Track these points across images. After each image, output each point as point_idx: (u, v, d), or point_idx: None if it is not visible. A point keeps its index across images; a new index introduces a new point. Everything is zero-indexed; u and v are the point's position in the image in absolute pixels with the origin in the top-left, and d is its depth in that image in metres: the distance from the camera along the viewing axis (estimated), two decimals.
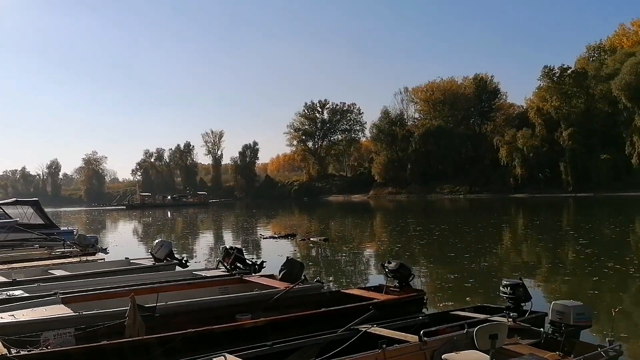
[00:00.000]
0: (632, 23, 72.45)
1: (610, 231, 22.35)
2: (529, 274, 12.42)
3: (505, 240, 21.59)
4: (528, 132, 71.97)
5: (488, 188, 76.45)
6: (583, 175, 65.03)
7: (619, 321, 7.74)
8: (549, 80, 71.31)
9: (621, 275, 11.73)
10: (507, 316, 6.21)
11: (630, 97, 61.04)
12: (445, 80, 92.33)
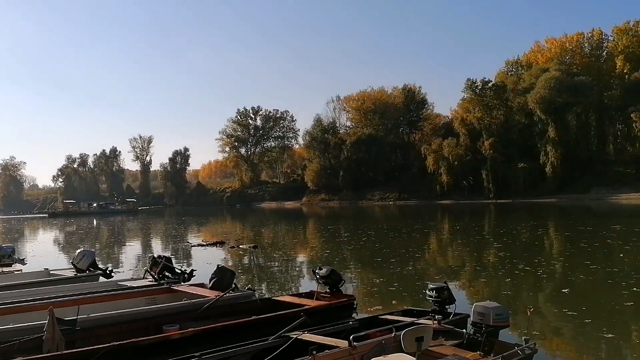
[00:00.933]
0: (546, 40, 77.88)
1: (525, 235, 23.77)
2: (454, 277, 12.93)
3: (431, 244, 22.37)
4: (453, 141, 75.02)
5: (416, 195, 78.91)
6: (503, 182, 68.72)
7: (535, 320, 8.21)
8: (472, 92, 74.87)
9: (535, 276, 12.49)
10: (432, 319, 6.41)
11: (544, 110, 65.35)
12: (376, 90, 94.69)
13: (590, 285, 11.36)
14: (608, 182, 61.89)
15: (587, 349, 7.04)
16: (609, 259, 15.02)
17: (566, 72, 66.41)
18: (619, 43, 69.90)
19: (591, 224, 27.25)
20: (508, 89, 72.58)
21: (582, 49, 74.04)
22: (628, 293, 10.03)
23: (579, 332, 7.83)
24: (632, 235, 21.04)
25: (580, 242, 19.38)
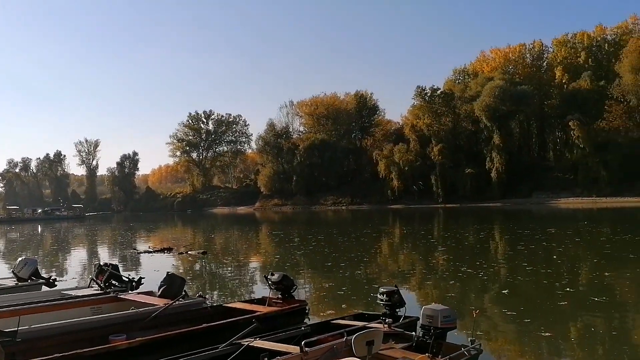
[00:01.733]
0: (491, 51, 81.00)
1: (471, 238, 24.56)
2: (404, 280, 13.17)
3: (382, 248, 22.70)
4: (404, 147, 76.55)
5: (368, 199, 79.97)
6: (451, 187, 70.70)
7: (481, 321, 8.49)
8: (422, 99, 76.71)
9: (479, 278, 12.91)
10: (383, 322, 6.53)
11: (489, 117, 67.80)
12: (329, 96, 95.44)
13: (528, 287, 11.84)
14: (548, 187, 64.87)
15: (528, 348, 7.34)
16: (544, 261, 15.71)
17: (509, 81, 69.22)
18: (558, 54, 73.53)
19: (529, 228, 28.42)
20: (456, 96, 74.80)
21: (524, 60, 77.38)
22: (562, 293, 10.53)
23: (519, 331, 8.16)
24: (565, 238, 22.16)
25: (519, 245, 20.20)
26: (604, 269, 14.17)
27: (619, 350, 6.97)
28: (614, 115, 61.99)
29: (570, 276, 12.84)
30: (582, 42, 72.62)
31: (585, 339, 7.67)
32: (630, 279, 12.40)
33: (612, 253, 17.32)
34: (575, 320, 8.78)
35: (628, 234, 23.17)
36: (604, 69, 68.51)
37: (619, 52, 65.31)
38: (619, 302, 9.97)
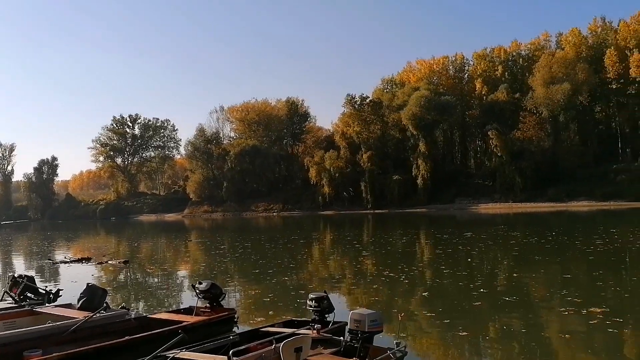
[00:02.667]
0: (417, 61, 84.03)
1: (397, 243, 25.30)
2: (334, 285, 13.35)
3: (313, 254, 22.88)
4: (334, 154, 77.51)
5: (300, 206, 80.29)
6: (380, 193, 72.43)
7: (407, 323, 8.77)
8: (351, 107, 78.15)
9: (405, 282, 13.34)
10: (312, 328, 6.59)
11: (415, 126, 70.23)
12: (260, 102, 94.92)
13: (447, 289, 12.36)
14: (469, 193, 68.08)
15: (450, 347, 7.68)
16: (460, 263, 16.52)
17: (434, 91, 72.02)
18: (478, 67, 77.53)
19: (449, 232, 29.67)
20: (384, 105, 76.83)
21: (447, 71, 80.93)
22: (477, 294, 11.11)
23: (441, 332, 8.52)
24: (479, 242, 23.36)
25: (438, 249, 21.15)
26: (513, 270, 15.16)
27: (532, 346, 7.45)
28: (527, 126, 66.11)
29: (484, 278, 13.57)
30: (500, 57, 77.01)
31: (502, 337, 8.12)
32: (535, 279, 13.32)
33: (521, 255, 18.51)
34: (490, 319, 9.28)
35: (535, 237, 24.78)
36: (519, 82, 72.88)
37: (532, 67, 69.70)
38: (528, 301, 10.66)
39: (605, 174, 60.17)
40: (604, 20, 70.34)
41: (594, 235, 23.15)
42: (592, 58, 65.87)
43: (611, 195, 55.85)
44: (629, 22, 65.74)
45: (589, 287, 11.81)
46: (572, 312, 9.11)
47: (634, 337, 7.62)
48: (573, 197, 58.32)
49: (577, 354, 7.08)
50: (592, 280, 12.70)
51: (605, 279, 12.46)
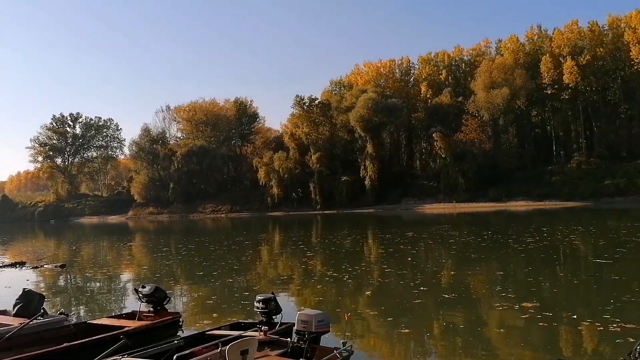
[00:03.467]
0: (365, 64, 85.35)
1: (345, 243, 25.59)
2: (283, 286, 13.35)
3: (262, 256, 22.77)
4: (283, 155, 77.49)
5: (248, 207, 79.74)
6: (328, 194, 73.02)
7: (354, 323, 8.90)
8: (300, 108, 78.39)
9: (353, 281, 13.52)
10: (259, 330, 6.58)
11: (363, 128, 71.26)
12: (208, 102, 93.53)
13: (390, 287, 12.68)
14: (415, 194, 69.79)
15: (393, 345, 7.88)
16: (402, 262, 16.96)
17: (381, 94, 73.34)
18: (423, 71, 79.62)
19: (393, 232, 30.34)
20: (332, 107, 77.52)
21: (393, 74, 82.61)
22: (417, 292, 11.44)
23: (385, 330, 8.73)
24: (419, 241, 24.11)
25: (382, 248, 21.66)
26: (451, 268, 15.74)
27: (470, 341, 7.75)
28: (469, 129, 68.45)
29: (424, 276, 14.00)
30: (443, 61, 79.37)
31: (444, 333, 8.41)
32: (472, 276, 13.88)
33: (458, 254, 19.18)
34: (432, 316, 9.59)
35: (472, 236, 25.79)
36: (462, 86, 75.42)
37: (473, 72, 72.32)
38: (466, 298, 11.07)
39: (541, 175, 63.22)
40: (540, 29, 73.96)
41: (525, 234, 24.31)
42: (529, 64, 69.04)
43: (546, 196, 58.78)
44: (562, 31, 69.35)
45: (521, 283, 12.41)
46: (506, 307, 9.55)
47: (562, 329, 8.07)
48: (512, 197, 60.93)
49: (512, 347, 7.43)
50: (524, 276, 13.36)
51: (536, 275, 13.14)
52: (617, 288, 11.14)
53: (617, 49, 65.63)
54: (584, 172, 61.24)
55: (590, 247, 19.38)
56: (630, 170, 57.62)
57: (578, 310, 9.04)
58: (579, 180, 59.68)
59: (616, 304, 9.37)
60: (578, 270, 14.39)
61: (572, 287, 11.88)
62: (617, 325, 7.72)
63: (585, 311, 9.05)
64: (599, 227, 28.67)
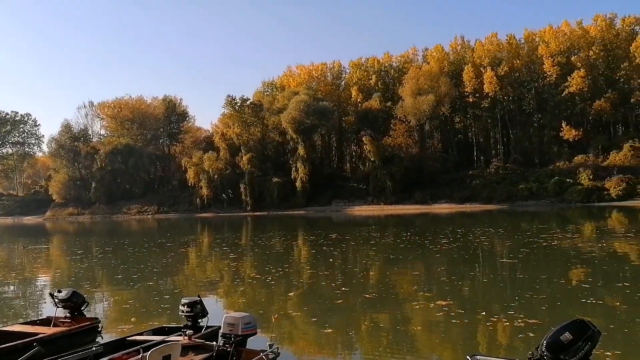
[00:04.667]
0: (297, 67, 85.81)
1: (276, 245, 25.66)
2: (211, 289, 13.20)
3: (190, 258, 22.30)
4: (214, 155, 76.30)
5: (176, 208, 77.83)
6: (259, 195, 72.74)
7: (283, 324, 8.98)
8: (232, 108, 77.57)
9: (284, 283, 13.65)
10: (184, 334, 6.48)
11: (295, 130, 71.61)
12: (135, 99, 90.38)
13: (318, 288, 12.93)
14: (345, 196, 71.09)
15: (321, 345, 8.04)
16: (324, 264, 17.33)
17: (313, 96, 74.01)
18: (354, 75, 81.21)
19: (319, 234, 30.79)
20: (264, 108, 77.28)
21: (325, 78, 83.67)
22: (339, 292, 11.76)
23: (313, 330, 8.90)
24: (344, 242, 24.76)
25: (311, 249, 22.00)
26: (370, 268, 16.33)
27: (392, 338, 8.08)
28: (397, 133, 70.65)
29: (344, 277, 14.43)
30: (373, 67, 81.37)
31: (367, 331, 8.70)
32: (390, 276, 14.49)
33: (378, 254, 19.99)
34: (353, 315, 9.88)
35: (391, 237, 26.77)
36: (390, 92, 77.67)
37: (402, 78, 74.73)
38: (386, 297, 11.50)
39: (462, 179, 66.41)
40: (463, 39, 77.69)
41: (441, 236, 25.56)
42: (453, 73, 72.31)
43: (467, 199, 61.82)
44: (483, 42, 73.25)
45: (437, 282, 13.10)
46: (423, 305, 10.07)
47: (474, 325, 8.61)
48: (436, 199, 63.53)
49: (431, 343, 7.86)
50: (438, 275, 14.09)
51: (449, 275, 13.93)
52: (521, 286, 12.04)
53: (532, 61, 70.17)
54: (501, 177, 64.97)
55: (498, 248, 20.67)
56: (542, 175, 61.79)
57: (487, 307, 9.68)
58: (497, 184, 63.22)
59: (520, 301, 10.15)
60: (487, 269, 15.30)
61: (481, 286, 12.69)
62: (522, 321, 8.36)
63: (494, 308, 9.68)
64: (509, 228, 30.56)
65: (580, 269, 14.41)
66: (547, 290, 11.21)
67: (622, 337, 7.50)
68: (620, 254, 17.73)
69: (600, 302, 9.85)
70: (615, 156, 59.51)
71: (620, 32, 66.97)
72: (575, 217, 39.77)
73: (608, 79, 65.96)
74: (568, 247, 19.51)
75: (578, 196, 55.80)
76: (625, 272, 13.64)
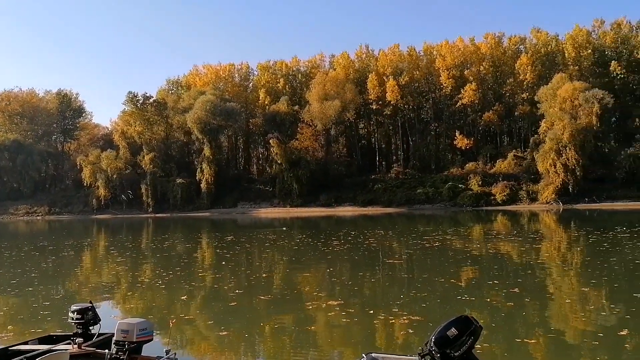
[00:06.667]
0: (204, 66, 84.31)
1: (178, 248, 25.17)
2: (106, 295, 12.76)
3: (85, 262, 21.24)
4: (113, 154, 72.84)
5: (70, 209, 73.51)
6: (162, 196, 70.46)
7: (183, 329, 8.96)
8: (134, 105, 74.45)
9: (185, 287, 13.45)
10: (73, 342, 6.30)
11: (201, 130, 70.28)
12: (25, 92, 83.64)
13: (217, 291, 13.03)
14: (251, 198, 70.97)
15: (222, 349, 8.13)
16: (224, 266, 17.46)
17: (220, 97, 73.12)
18: (262, 78, 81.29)
19: (219, 237, 30.70)
20: (169, 106, 75.01)
21: (233, 79, 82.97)
22: (233, 295, 11.94)
23: (214, 334, 8.98)
24: (236, 244, 24.99)
25: (210, 252, 22.07)
26: (261, 270, 16.72)
27: (286, 339, 8.43)
28: (304, 137, 71.74)
29: (235, 279, 14.64)
30: (282, 70, 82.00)
31: (262, 332, 8.96)
32: (282, 278, 15.06)
33: (268, 257, 20.52)
34: (247, 317, 10.09)
35: (287, 239, 27.28)
36: (298, 96, 78.71)
37: (309, 83, 76.01)
38: (279, 299, 11.80)
39: (365, 183, 68.98)
40: (367, 48, 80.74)
41: (332, 238, 26.51)
42: (358, 80, 74.92)
43: (370, 202, 64.34)
44: (386, 52, 76.61)
45: (327, 283, 13.74)
46: (315, 306, 10.53)
47: (363, 322, 9.19)
48: (340, 202, 65.40)
49: (321, 343, 8.28)
50: (329, 276, 14.75)
51: (339, 275, 14.69)
52: (405, 284, 12.98)
53: (430, 73, 74.57)
54: (401, 182, 68.30)
55: (385, 249, 21.88)
56: (437, 181, 65.83)
57: (374, 306, 10.33)
58: (397, 188, 66.39)
59: (404, 299, 11.00)
60: (373, 269, 16.12)
61: (369, 285, 13.41)
62: (406, 318, 9.07)
63: (380, 306, 10.33)
64: (404, 230, 32.37)
65: (466, 268, 15.72)
66: (428, 289, 12.14)
67: (503, 332, 8.23)
68: (503, 253, 19.47)
69: (485, 299, 10.72)
70: (501, 164, 64.84)
71: (507, 50, 73.13)
72: (466, 220, 42.84)
73: (496, 92, 71.76)
74: (456, 247, 21.17)
75: (469, 200, 60.12)
76: (507, 271, 15.12)
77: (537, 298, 10.88)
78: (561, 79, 59.39)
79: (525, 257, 17.91)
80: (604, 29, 70.99)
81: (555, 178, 56.92)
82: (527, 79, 66.68)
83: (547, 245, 22.26)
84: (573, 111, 57.08)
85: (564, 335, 8.20)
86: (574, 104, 57.03)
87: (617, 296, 10.98)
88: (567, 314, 9.73)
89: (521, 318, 9.15)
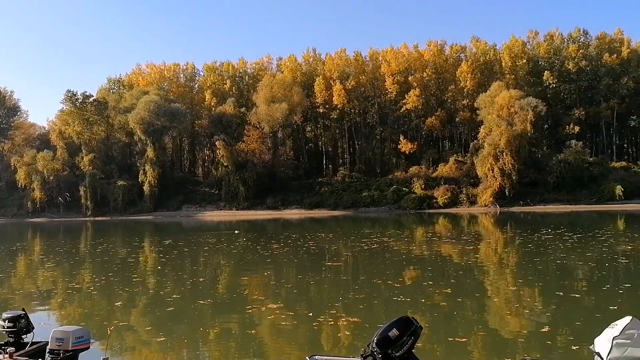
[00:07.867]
0: (147, 65, 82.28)
1: (121, 252, 24.45)
2: (42, 302, 12.32)
3: (18, 268, 20.28)
4: (49, 154, 69.95)
5: (3, 212, 70.47)
6: (102, 199, 68.16)
7: (124, 336, 8.78)
8: (72, 105, 71.69)
9: (125, 293, 13.18)
10: (3, 352, 6.12)
11: (144, 131, 68.46)
12: None
13: (152, 297, 12.87)
14: (196, 201, 69.82)
15: (164, 356, 8.02)
16: (164, 271, 17.32)
17: (164, 97, 71.54)
18: (208, 79, 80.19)
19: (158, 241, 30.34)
20: (110, 106, 72.68)
21: (178, 79, 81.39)
22: (171, 300, 11.86)
23: (155, 341, 8.83)
24: (175, 248, 24.78)
25: (151, 256, 21.74)
26: (200, 274, 16.64)
27: (228, 344, 8.45)
28: (251, 139, 71.32)
29: (172, 284, 14.53)
30: (228, 71, 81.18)
31: (203, 337, 8.94)
32: (220, 282, 15.10)
33: (210, 260, 20.53)
34: (186, 322, 10.01)
35: (226, 243, 27.17)
36: (245, 98, 78.17)
37: (256, 85, 75.62)
38: (219, 303, 11.82)
39: (312, 186, 69.40)
40: (315, 52, 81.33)
41: (272, 241, 26.67)
42: (305, 83, 75.31)
43: (316, 205, 64.80)
44: (333, 57, 77.46)
45: (266, 286, 13.84)
46: (256, 308, 10.62)
47: (304, 325, 9.36)
48: (287, 205, 65.48)
49: (264, 344, 8.37)
50: (267, 279, 14.86)
51: (278, 278, 14.85)
52: (343, 287, 13.27)
53: (376, 78, 76.01)
54: (347, 185, 69.18)
55: (325, 252, 22.21)
56: (382, 184, 67.16)
57: (314, 308, 10.54)
58: (343, 191, 67.19)
59: (343, 301, 11.27)
60: (313, 272, 16.32)
61: (309, 288, 13.60)
62: (345, 319, 9.30)
63: (319, 308, 10.54)
64: (341, 233, 32.90)
65: (407, 269, 16.21)
66: (366, 290, 12.46)
67: (443, 331, 8.57)
68: (444, 255, 20.22)
69: (425, 299, 11.14)
70: (442, 168, 66.96)
71: (448, 57, 75.70)
72: (409, 222, 44.01)
73: (438, 99, 74.11)
74: (398, 249, 21.76)
75: (412, 203, 61.71)
76: (446, 271, 15.73)
77: (474, 298, 11.42)
78: (498, 87, 62.12)
79: (464, 258, 18.68)
80: (538, 40, 74.91)
81: (493, 182, 59.40)
82: (468, 86, 69.25)
83: (484, 247, 23.28)
84: (509, 118, 59.81)
85: (499, 333, 8.68)
86: (510, 111, 59.76)
87: (543, 294, 11.69)
88: (500, 312, 10.27)
89: (459, 317, 9.58)
